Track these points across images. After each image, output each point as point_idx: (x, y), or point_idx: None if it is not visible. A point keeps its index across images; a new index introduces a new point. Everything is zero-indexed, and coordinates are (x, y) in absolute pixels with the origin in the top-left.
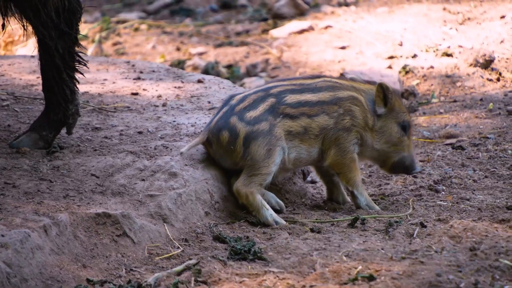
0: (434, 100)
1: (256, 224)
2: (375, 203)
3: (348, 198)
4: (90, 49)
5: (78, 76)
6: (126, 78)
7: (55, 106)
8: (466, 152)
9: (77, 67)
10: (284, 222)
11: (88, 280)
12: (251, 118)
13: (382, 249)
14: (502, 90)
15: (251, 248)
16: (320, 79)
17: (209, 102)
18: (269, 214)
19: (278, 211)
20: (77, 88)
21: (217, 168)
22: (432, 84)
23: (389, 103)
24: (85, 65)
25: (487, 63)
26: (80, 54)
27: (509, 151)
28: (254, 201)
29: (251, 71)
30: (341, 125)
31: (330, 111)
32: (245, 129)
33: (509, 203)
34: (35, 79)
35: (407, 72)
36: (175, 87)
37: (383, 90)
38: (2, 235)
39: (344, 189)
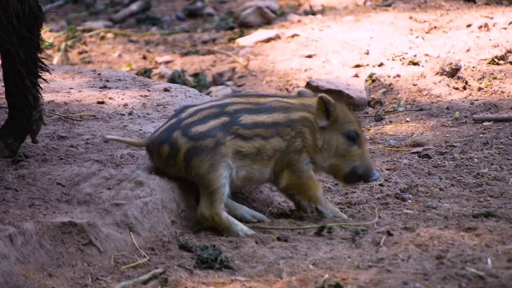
0: (400, 109)
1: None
2: (342, 211)
3: None
4: (56, 58)
5: (42, 83)
6: (92, 86)
7: (18, 113)
8: (432, 161)
9: (40, 74)
10: (253, 233)
11: None
12: (195, 133)
13: (349, 257)
14: (469, 99)
15: (217, 257)
16: (273, 99)
17: (175, 111)
18: (239, 229)
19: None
20: (40, 94)
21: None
22: (398, 93)
23: (332, 115)
24: (47, 71)
25: (453, 72)
26: (43, 60)
27: (475, 160)
28: (221, 221)
29: (217, 80)
30: (293, 147)
31: (283, 134)
32: (187, 145)
33: (475, 212)
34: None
35: (373, 81)
36: (142, 96)
37: (324, 103)
38: None
39: (307, 205)
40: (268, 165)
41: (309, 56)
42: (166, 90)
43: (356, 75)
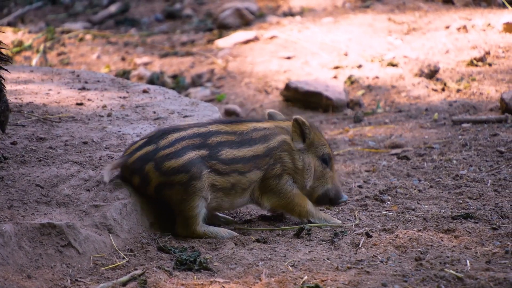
0: (379, 110)
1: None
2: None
3: None
4: (35, 59)
5: (22, 86)
6: (71, 88)
7: None
8: (411, 162)
9: (1, 65)
10: (235, 234)
11: None
12: (168, 169)
13: (328, 259)
14: (447, 100)
15: (196, 259)
16: (252, 126)
17: (154, 112)
18: (226, 233)
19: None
20: (4, 85)
21: None
22: (377, 94)
23: (307, 138)
24: (7, 60)
25: (432, 73)
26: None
27: (454, 161)
28: (205, 234)
29: (196, 81)
30: (271, 174)
31: (261, 165)
32: (158, 179)
33: (454, 213)
34: None
35: (352, 82)
36: (120, 97)
37: (299, 126)
38: None
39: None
40: (241, 196)
41: (288, 58)
42: (145, 91)
43: (335, 77)
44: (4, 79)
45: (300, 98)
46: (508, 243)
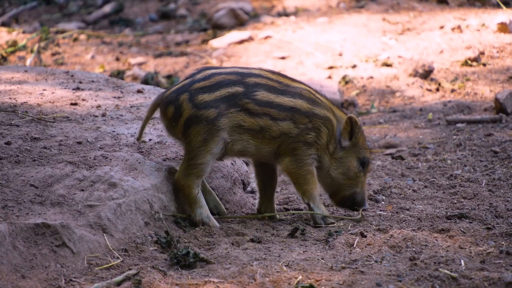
0: (373, 110)
1: (193, 224)
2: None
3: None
4: (29, 59)
5: (16, 87)
6: (65, 88)
7: None
8: (405, 162)
9: None
10: (216, 224)
11: None
12: (200, 102)
13: (322, 258)
14: (441, 100)
15: (189, 251)
16: (304, 87)
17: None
18: (200, 212)
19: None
20: None
21: (157, 178)
22: (371, 95)
23: (354, 137)
24: None
25: (426, 74)
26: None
27: (449, 161)
28: (190, 195)
29: None
30: (304, 138)
31: (298, 121)
32: (189, 112)
33: (448, 213)
34: None
35: (347, 83)
36: (115, 97)
37: (351, 124)
38: None
39: (301, 200)
40: (268, 145)
41: (283, 58)
42: (139, 91)
43: (330, 77)
44: None
45: None
46: (503, 243)
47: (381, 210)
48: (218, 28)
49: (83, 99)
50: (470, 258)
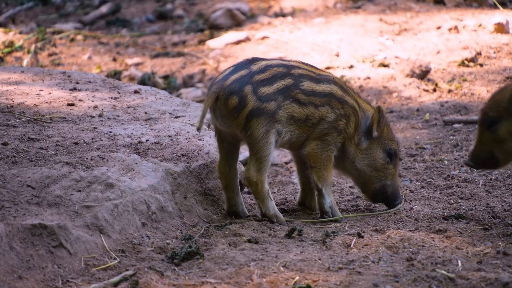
0: None
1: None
2: (312, 214)
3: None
4: (26, 60)
5: (13, 87)
6: (62, 89)
7: None
8: (402, 163)
9: None
10: (283, 219)
11: None
12: (263, 95)
13: (319, 259)
14: (438, 101)
15: (182, 248)
16: (333, 77)
17: (145, 113)
18: (272, 206)
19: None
20: None
21: (154, 178)
22: (368, 95)
23: (379, 126)
24: None
25: (423, 74)
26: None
27: (446, 162)
28: (262, 190)
29: (187, 82)
30: (337, 124)
31: (334, 106)
32: (253, 104)
33: (445, 214)
34: None
35: None
36: (112, 98)
37: (379, 114)
38: None
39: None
40: (307, 132)
41: (280, 58)
42: (136, 92)
43: None
44: None
45: None
46: (500, 243)
47: (378, 211)
48: (215, 29)
49: (80, 100)
50: (467, 259)
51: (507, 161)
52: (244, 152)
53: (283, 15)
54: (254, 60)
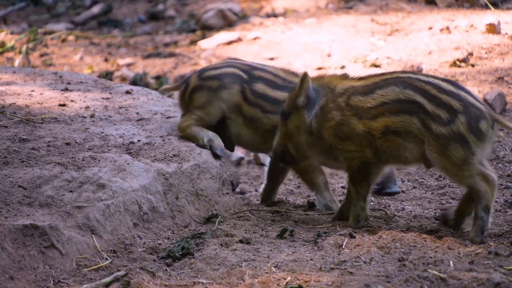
0: None
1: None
2: (304, 213)
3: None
4: (17, 60)
5: (4, 88)
6: (53, 89)
7: None
8: None
9: None
10: (221, 145)
11: None
12: None
13: (311, 259)
14: None
15: (174, 246)
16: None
17: (137, 113)
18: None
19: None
20: None
21: (146, 179)
22: None
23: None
24: None
25: None
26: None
27: None
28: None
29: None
30: None
31: None
32: None
33: (437, 214)
34: None
35: None
36: (103, 98)
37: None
38: None
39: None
40: None
41: (271, 59)
42: (128, 92)
43: None
44: None
45: None
46: (491, 243)
47: (370, 211)
48: (207, 29)
49: (71, 100)
50: (458, 259)
51: (300, 156)
52: (236, 152)
53: (275, 15)
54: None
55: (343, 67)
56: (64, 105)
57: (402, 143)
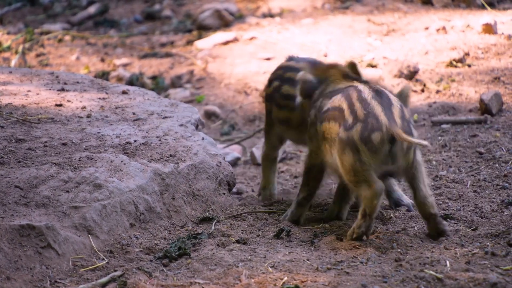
0: None
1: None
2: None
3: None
4: (14, 61)
5: (1, 88)
6: (50, 89)
7: None
8: None
9: None
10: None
11: None
12: None
13: (308, 260)
14: (427, 101)
15: (171, 248)
16: None
17: (134, 113)
18: None
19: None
20: None
21: (142, 179)
22: None
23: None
24: None
25: (411, 74)
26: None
27: (434, 162)
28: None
29: (176, 83)
30: None
31: None
32: None
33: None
34: None
35: None
36: (100, 98)
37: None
38: None
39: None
40: None
41: (268, 59)
42: (124, 92)
43: None
44: None
45: None
46: (488, 243)
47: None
48: (203, 29)
49: (68, 100)
50: (455, 259)
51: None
52: (232, 152)
53: (271, 15)
54: None
55: None
56: (60, 105)
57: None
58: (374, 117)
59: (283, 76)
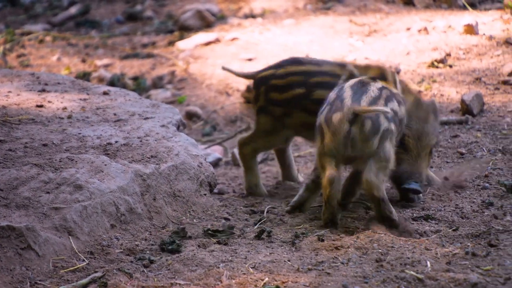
0: None
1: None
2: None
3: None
4: None
5: None
6: (30, 90)
7: None
8: None
9: None
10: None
11: None
12: None
13: (289, 260)
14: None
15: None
16: None
17: (115, 114)
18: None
19: None
20: None
21: (123, 180)
22: None
23: None
24: None
25: None
26: None
27: None
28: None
29: (157, 83)
30: None
31: None
32: None
33: (415, 214)
34: None
35: None
36: (81, 99)
37: None
38: None
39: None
40: None
41: (250, 59)
42: (105, 93)
43: None
44: None
45: None
46: (468, 244)
47: (348, 212)
48: (185, 30)
49: (49, 101)
50: (436, 260)
51: None
52: (213, 153)
53: (253, 16)
54: None
55: None
56: (41, 106)
57: None
58: (340, 100)
59: (308, 81)
